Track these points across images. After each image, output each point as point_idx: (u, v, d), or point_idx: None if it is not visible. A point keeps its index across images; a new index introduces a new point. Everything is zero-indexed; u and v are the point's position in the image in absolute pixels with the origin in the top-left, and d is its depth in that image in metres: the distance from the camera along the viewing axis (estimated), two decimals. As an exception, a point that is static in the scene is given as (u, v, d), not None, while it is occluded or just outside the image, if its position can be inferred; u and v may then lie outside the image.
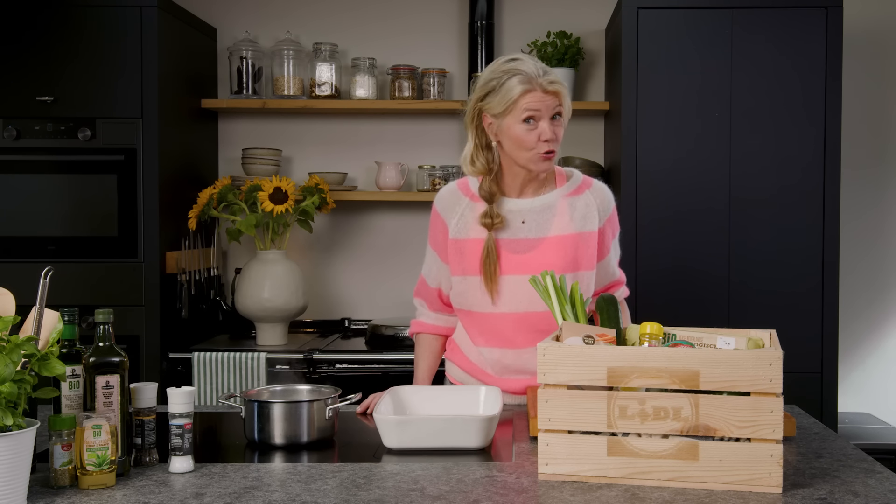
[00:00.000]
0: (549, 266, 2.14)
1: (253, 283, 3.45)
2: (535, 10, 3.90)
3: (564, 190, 2.26)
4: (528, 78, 2.11)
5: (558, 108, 2.14)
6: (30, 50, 3.29)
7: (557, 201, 2.25)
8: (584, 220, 2.24)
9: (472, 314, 2.28)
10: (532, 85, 2.11)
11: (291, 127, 3.96)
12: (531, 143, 2.13)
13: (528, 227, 2.23)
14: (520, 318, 2.21)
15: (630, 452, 1.65)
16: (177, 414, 1.73)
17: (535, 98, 2.11)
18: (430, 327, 2.41)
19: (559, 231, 2.22)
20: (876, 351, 3.89)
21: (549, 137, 2.12)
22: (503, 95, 2.13)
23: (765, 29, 3.28)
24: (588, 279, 2.24)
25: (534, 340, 2.16)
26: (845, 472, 1.72)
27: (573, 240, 2.22)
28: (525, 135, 2.13)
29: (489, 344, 2.26)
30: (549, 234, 2.22)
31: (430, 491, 1.61)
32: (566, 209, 2.24)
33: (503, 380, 2.26)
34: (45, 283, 1.66)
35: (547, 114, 2.13)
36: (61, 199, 3.31)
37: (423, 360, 2.40)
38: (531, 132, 2.13)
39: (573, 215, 2.23)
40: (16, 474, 1.49)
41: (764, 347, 1.78)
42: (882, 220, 3.88)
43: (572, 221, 2.23)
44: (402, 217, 3.95)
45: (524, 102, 2.11)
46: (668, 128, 3.31)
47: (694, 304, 3.29)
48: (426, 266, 2.37)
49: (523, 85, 2.11)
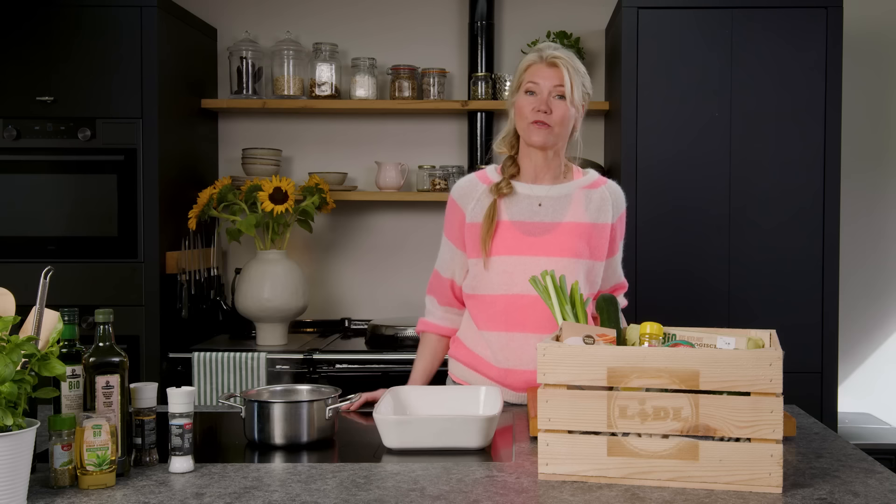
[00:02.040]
0: (564, 249, 2.23)
1: (253, 283, 3.45)
2: (535, 10, 3.90)
3: (581, 182, 2.34)
4: (538, 54, 2.27)
5: (560, 87, 2.23)
6: (30, 50, 3.29)
7: (574, 191, 2.32)
8: (598, 212, 2.30)
9: (483, 298, 2.29)
10: (537, 57, 2.27)
11: (291, 127, 3.96)
12: (526, 111, 2.25)
13: (544, 210, 2.29)
14: (533, 301, 2.20)
15: (630, 452, 1.65)
16: (177, 414, 1.73)
17: (537, 70, 2.26)
18: (436, 327, 2.41)
19: (575, 218, 2.28)
20: (876, 351, 3.89)
21: (542, 108, 2.22)
22: (517, 71, 2.31)
23: (765, 29, 3.29)
24: (599, 270, 2.30)
25: (543, 326, 2.19)
26: (845, 472, 1.72)
27: (588, 228, 2.28)
28: (524, 105, 2.26)
29: (497, 328, 2.26)
30: (565, 219, 2.28)
31: (430, 491, 1.61)
32: (582, 199, 2.31)
33: (506, 371, 2.26)
34: (45, 283, 1.66)
35: (546, 88, 2.23)
36: (61, 199, 3.31)
37: (422, 361, 2.42)
38: (529, 102, 2.25)
39: (588, 206, 2.30)
40: (16, 474, 1.49)
41: (764, 347, 1.78)
42: (882, 220, 3.88)
43: (587, 212, 2.30)
44: (402, 217, 3.95)
45: (528, 75, 2.26)
46: (668, 128, 3.31)
47: (694, 304, 3.29)
48: (440, 259, 2.40)
49: (531, 59, 2.28)
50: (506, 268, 2.25)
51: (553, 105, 2.23)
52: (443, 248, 2.39)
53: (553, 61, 2.24)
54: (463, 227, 2.32)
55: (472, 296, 2.32)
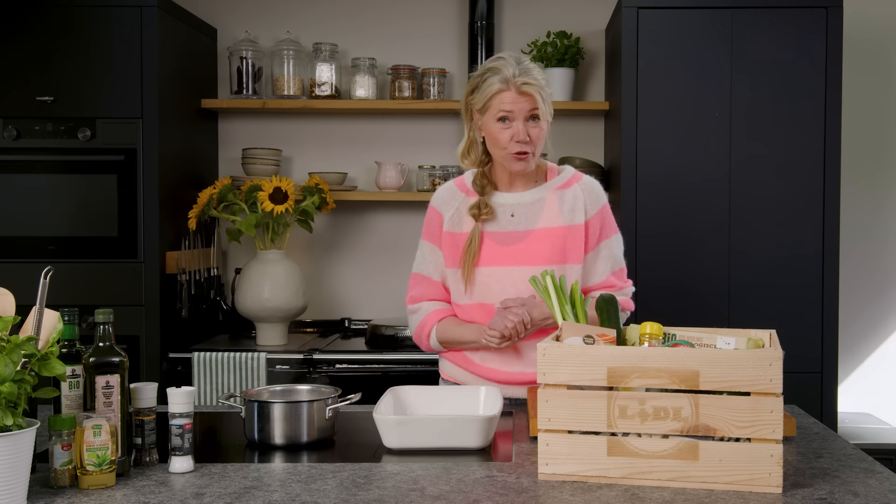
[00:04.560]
0: (536, 257, 2.22)
1: (253, 283, 3.45)
2: (535, 10, 3.90)
3: (554, 183, 2.31)
4: (503, 78, 2.18)
5: (534, 111, 2.19)
6: (30, 50, 3.29)
7: (547, 195, 2.29)
8: (572, 213, 2.27)
9: (461, 308, 2.33)
10: (506, 85, 2.17)
11: (291, 127, 3.96)
12: (504, 142, 2.20)
13: (516, 219, 2.28)
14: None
15: (630, 452, 1.65)
16: (177, 414, 1.73)
17: (509, 98, 2.17)
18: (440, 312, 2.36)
19: (548, 223, 2.27)
20: (876, 351, 3.89)
21: (522, 139, 2.18)
22: (482, 93, 2.21)
23: (765, 29, 3.28)
24: (575, 273, 2.25)
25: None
26: (845, 472, 1.72)
27: (562, 232, 2.26)
28: (499, 133, 2.20)
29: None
30: (538, 226, 2.27)
31: (430, 491, 1.61)
32: (555, 202, 2.28)
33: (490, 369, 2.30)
34: (45, 283, 1.66)
35: (521, 115, 2.18)
36: (61, 199, 3.31)
37: (463, 325, 2.34)
38: (505, 131, 2.19)
39: (562, 208, 2.27)
40: (16, 474, 1.49)
41: (764, 347, 1.78)
42: (882, 220, 3.88)
43: (561, 214, 2.27)
44: (403, 217, 3.95)
45: (497, 102, 2.19)
46: (668, 128, 3.31)
47: (694, 304, 3.29)
48: (423, 263, 2.39)
49: (498, 84, 2.18)
50: (480, 279, 2.27)
51: (530, 131, 2.19)
52: (426, 254, 2.37)
53: (525, 90, 2.16)
54: (441, 231, 2.33)
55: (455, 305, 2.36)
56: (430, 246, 2.37)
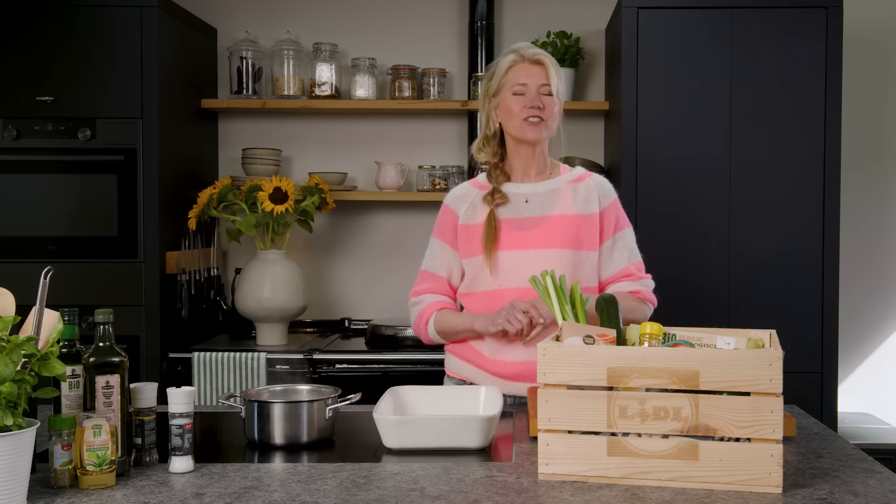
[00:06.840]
0: (552, 241, 2.28)
1: (253, 283, 3.45)
2: (535, 10, 3.90)
3: (567, 178, 2.39)
4: (516, 51, 2.34)
5: (547, 86, 2.29)
6: (30, 50, 3.29)
7: (561, 186, 2.37)
8: (586, 203, 2.34)
9: (477, 295, 2.34)
10: (519, 57, 2.32)
11: (291, 127, 3.96)
12: (517, 110, 2.29)
13: (531, 206, 2.34)
14: (522, 294, 2.25)
15: (630, 452, 1.65)
16: (177, 414, 1.73)
17: (522, 69, 2.31)
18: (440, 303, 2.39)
19: (563, 211, 2.33)
20: (876, 351, 3.89)
21: (535, 104, 2.28)
22: (496, 74, 2.35)
23: (765, 29, 3.29)
24: (591, 260, 2.31)
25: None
26: (845, 472, 1.72)
27: (576, 220, 2.32)
28: (513, 104, 2.31)
29: None
30: (553, 213, 2.33)
31: (430, 491, 1.61)
32: (569, 193, 2.35)
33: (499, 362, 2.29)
34: (45, 283, 1.66)
35: (534, 85, 2.29)
36: (61, 199, 3.31)
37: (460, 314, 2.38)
38: (519, 100, 2.30)
39: (576, 199, 2.35)
40: (16, 474, 1.49)
41: (764, 347, 1.78)
42: (882, 220, 3.88)
43: (575, 204, 2.34)
44: (403, 217, 3.95)
45: (512, 76, 2.31)
46: (668, 128, 3.31)
47: (694, 304, 3.29)
48: (432, 260, 2.42)
49: (511, 57, 2.33)
50: (497, 263, 2.30)
51: (544, 101, 2.29)
52: (435, 251, 2.42)
53: (537, 59, 2.30)
54: (456, 228, 2.37)
55: (468, 294, 2.38)
56: (439, 243, 2.41)
